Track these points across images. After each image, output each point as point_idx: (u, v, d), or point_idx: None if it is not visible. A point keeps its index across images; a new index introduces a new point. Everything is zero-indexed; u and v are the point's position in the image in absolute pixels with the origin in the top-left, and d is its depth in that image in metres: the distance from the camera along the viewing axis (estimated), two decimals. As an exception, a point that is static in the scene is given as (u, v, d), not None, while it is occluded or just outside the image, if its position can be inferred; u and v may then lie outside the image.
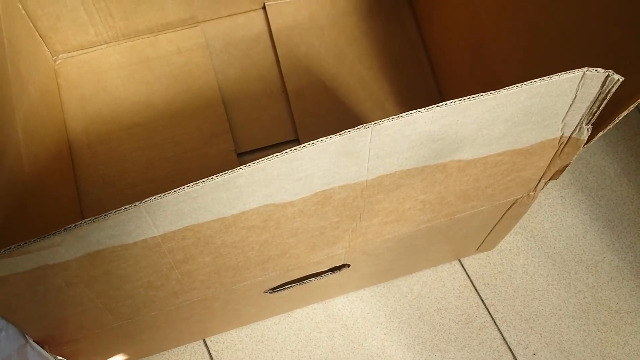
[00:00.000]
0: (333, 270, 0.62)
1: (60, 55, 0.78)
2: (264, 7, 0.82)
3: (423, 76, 0.80)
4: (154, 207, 0.40)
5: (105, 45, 0.79)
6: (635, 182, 0.78)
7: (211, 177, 0.40)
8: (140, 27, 0.78)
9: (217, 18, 0.81)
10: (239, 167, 0.40)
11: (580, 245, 0.76)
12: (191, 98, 0.77)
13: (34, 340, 0.52)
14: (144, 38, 0.79)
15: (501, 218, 0.64)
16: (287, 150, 0.41)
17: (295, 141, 0.77)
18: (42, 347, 0.53)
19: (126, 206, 0.39)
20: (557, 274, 0.75)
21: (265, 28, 0.82)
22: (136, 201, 0.75)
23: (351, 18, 0.82)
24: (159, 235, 0.43)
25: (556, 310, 0.73)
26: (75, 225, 0.39)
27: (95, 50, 0.79)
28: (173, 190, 0.39)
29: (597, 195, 0.78)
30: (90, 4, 0.73)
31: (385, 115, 0.78)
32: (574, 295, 0.74)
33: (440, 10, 0.75)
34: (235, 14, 0.82)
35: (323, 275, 0.62)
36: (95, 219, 0.39)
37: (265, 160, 0.40)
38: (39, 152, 0.63)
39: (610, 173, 0.79)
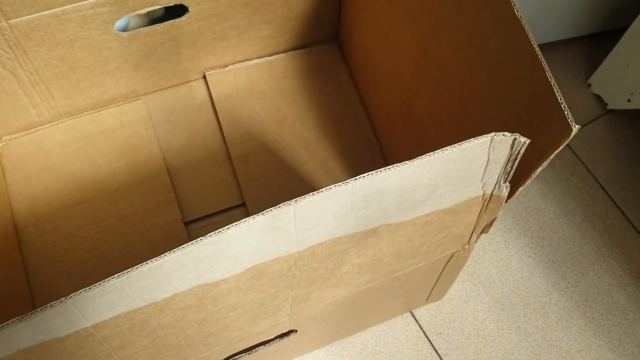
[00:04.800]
0: (281, 336, 0.62)
1: (3, 137, 0.79)
2: (204, 77, 0.84)
3: (364, 132, 0.82)
4: (81, 300, 0.40)
5: (48, 125, 0.80)
6: (574, 222, 0.80)
7: (136, 266, 0.41)
8: (82, 104, 0.79)
9: (159, 90, 0.83)
10: (163, 254, 0.41)
11: (527, 288, 0.78)
12: (136, 170, 0.78)
13: None
14: (86, 115, 0.80)
15: (442, 271, 0.65)
16: (212, 233, 0.42)
17: (242, 205, 0.78)
18: None
19: (52, 303, 0.39)
20: (507, 318, 0.76)
21: (206, 97, 0.83)
22: (84, 278, 0.75)
23: (290, 81, 0.84)
24: (91, 326, 0.43)
25: (508, 354, 0.75)
26: (2, 326, 0.39)
27: (38, 130, 0.79)
28: (99, 283, 0.40)
29: (539, 237, 0.80)
30: (29, 87, 0.74)
31: (328, 174, 0.80)
32: (525, 339, 0.75)
33: (373, 72, 0.77)
34: (176, 85, 0.83)
35: (271, 342, 0.62)
36: (22, 317, 0.39)
37: (190, 245, 0.41)
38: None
39: (550, 214, 0.81)
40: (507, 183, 0.50)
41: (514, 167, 0.48)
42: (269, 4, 0.77)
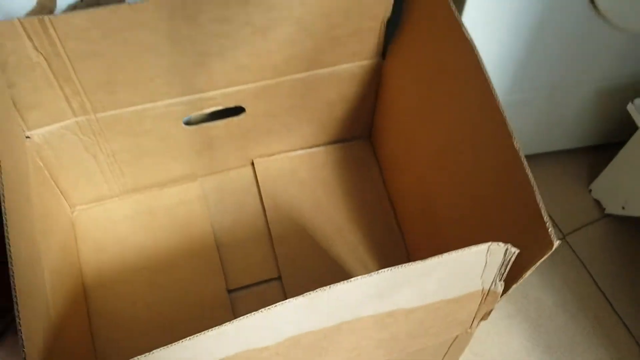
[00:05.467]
0: (308, 397, 0.72)
1: (77, 207, 0.91)
2: (252, 163, 0.97)
3: (388, 221, 0.93)
4: (155, 358, 0.51)
5: (116, 199, 0.92)
6: (570, 312, 0.90)
7: (204, 332, 0.52)
8: (147, 182, 0.92)
9: (214, 173, 0.96)
10: (225, 323, 0.52)
11: (524, 369, 0.88)
12: (190, 243, 0.90)
13: None
14: (149, 192, 0.93)
15: (448, 350, 0.76)
16: (262, 309, 0.53)
17: (278, 279, 0.89)
18: None
19: (132, 359, 0.50)
20: (505, 396, 0.86)
21: (253, 181, 0.96)
22: (140, 339, 0.85)
23: (328, 172, 0.96)
24: (161, 379, 0.54)
25: None
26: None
27: (107, 203, 0.92)
28: (172, 345, 0.51)
29: (537, 324, 0.90)
30: (105, 167, 0.87)
31: (356, 257, 0.91)
32: (521, 415, 0.85)
33: (398, 170, 0.89)
34: (228, 169, 0.96)
35: (299, 401, 0.73)
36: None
37: (245, 318, 0.53)
38: (60, 302, 0.74)
39: (549, 304, 0.91)
40: (502, 282, 0.61)
41: (507, 270, 0.59)
42: (315, 107, 0.90)
